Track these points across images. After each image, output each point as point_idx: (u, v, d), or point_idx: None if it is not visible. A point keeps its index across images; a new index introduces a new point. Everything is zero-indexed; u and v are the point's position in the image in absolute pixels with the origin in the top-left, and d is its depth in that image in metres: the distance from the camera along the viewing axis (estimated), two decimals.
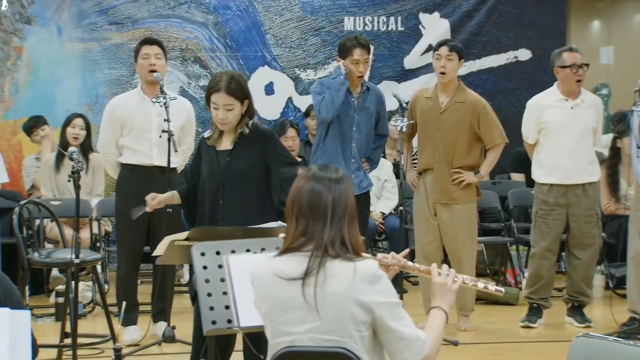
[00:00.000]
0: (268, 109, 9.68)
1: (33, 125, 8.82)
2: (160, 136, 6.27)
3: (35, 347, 2.69)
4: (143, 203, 6.54)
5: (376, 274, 3.10)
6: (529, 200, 7.92)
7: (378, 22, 10.04)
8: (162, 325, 6.52)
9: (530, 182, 8.16)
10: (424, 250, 7.00)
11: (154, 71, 6.57)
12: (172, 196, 5.22)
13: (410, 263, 3.51)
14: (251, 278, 3.24)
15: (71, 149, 5.97)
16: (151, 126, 6.63)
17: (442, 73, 6.91)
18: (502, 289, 3.61)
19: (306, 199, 3.15)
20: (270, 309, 3.16)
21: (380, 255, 3.45)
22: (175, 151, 6.24)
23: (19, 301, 2.80)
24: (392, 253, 3.48)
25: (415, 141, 7.34)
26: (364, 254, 3.21)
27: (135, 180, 6.60)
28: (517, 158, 9.26)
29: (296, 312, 3.10)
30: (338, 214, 3.13)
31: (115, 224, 7.20)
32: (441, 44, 7.01)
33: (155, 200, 5.26)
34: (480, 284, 3.49)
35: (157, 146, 6.58)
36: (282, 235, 3.29)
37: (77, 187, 5.39)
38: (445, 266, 3.42)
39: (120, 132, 6.70)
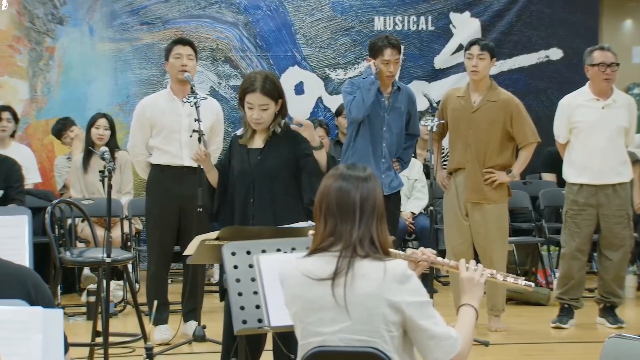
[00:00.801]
0: (298, 108, 9.67)
1: (61, 127, 8.86)
2: (190, 136, 6.28)
3: (66, 344, 2.71)
4: (173, 203, 6.59)
5: (405, 274, 3.09)
6: (560, 200, 7.87)
7: (408, 21, 10.02)
8: (192, 325, 6.54)
9: (561, 182, 8.11)
10: (454, 250, 6.97)
11: (185, 71, 6.59)
12: (213, 168, 5.18)
13: (439, 258, 3.51)
14: (280, 278, 3.24)
15: (102, 148, 6.00)
16: (181, 126, 6.64)
17: (474, 72, 6.89)
18: (532, 284, 3.60)
19: (334, 198, 3.15)
20: (300, 309, 3.16)
21: (409, 251, 3.44)
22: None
23: (50, 300, 2.81)
24: (422, 248, 3.48)
25: (445, 141, 7.32)
26: (392, 251, 3.21)
27: (165, 180, 6.63)
28: (549, 158, 9.22)
29: (326, 312, 3.09)
30: (366, 213, 3.13)
31: (145, 224, 7.23)
32: (472, 43, 6.98)
33: (204, 152, 5.21)
34: (510, 278, 3.49)
35: (187, 146, 6.59)
36: (311, 232, 3.29)
37: (109, 187, 5.42)
38: (473, 261, 3.41)
39: (150, 133, 6.72)
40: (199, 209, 6.09)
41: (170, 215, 6.65)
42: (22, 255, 3.57)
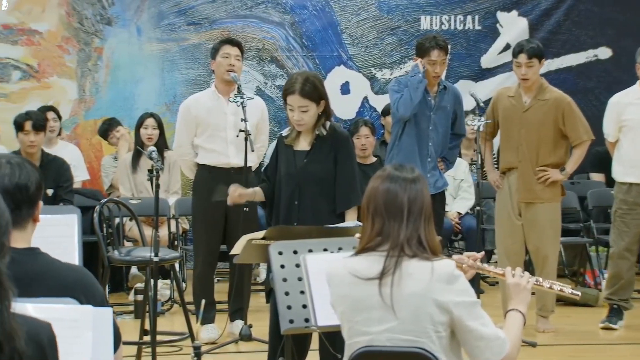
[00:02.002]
0: (344, 108, 9.68)
1: (107, 128, 8.93)
2: (237, 136, 6.30)
3: (118, 340, 2.73)
4: (219, 203, 6.61)
5: (454, 274, 3.08)
6: (608, 200, 7.80)
7: (455, 21, 9.98)
8: (239, 324, 6.56)
9: (610, 182, 8.03)
10: (507, 250, 6.93)
11: (232, 71, 6.61)
12: (254, 193, 5.22)
13: (485, 265, 3.49)
14: (327, 278, 3.24)
15: (150, 148, 6.03)
16: (226, 125, 6.67)
17: (524, 79, 6.83)
18: (579, 293, 3.57)
19: (382, 198, 3.14)
20: (347, 308, 3.16)
21: (456, 257, 3.43)
22: (252, 150, 6.27)
23: (102, 298, 2.82)
24: (471, 253, 3.46)
25: (495, 141, 7.28)
26: (441, 255, 3.20)
27: (211, 180, 6.65)
28: (597, 158, 9.13)
29: (373, 311, 3.09)
30: (414, 214, 3.12)
31: (192, 224, 7.26)
32: (519, 50, 6.83)
33: (237, 192, 5.27)
34: (556, 287, 3.46)
35: (233, 145, 6.61)
36: (357, 235, 3.29)
37: (157, 186, 5.46)
38: (519, 268, 3.39)
39: (195, 132, 6.75)
40: (245, 209, 6.11)
41: (217, 216, 6.67)
42: (71, 254, 3.60)
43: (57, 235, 3.55)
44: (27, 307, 2.28)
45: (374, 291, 3.08)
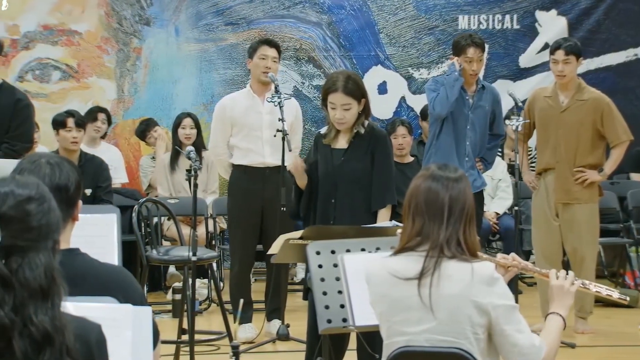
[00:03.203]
0: (381, 108, 9.66)
1: (145, 128, 8.97)
2: (274, 135, 6.31)
3: (157, 338, 2.74)
4: (255, 203, 6.62)
5: (493, 276, 3.07)
6: None
7: (493, 20, 9.93)
8: (276, 323, 6.57)
9: None
10: (544, 251, 6.89)
11: (268, 72, 6.62)
12: (305, 177, 5.17)
13: (530, 265, 3.47)
14: (366, 277, 3.24)
15: (188, 148, 6.06)
16: (262, 124, 6.68)
17: (561, 76, 6.79)
18: (627, 297, 3.53)
19: (423, 197, 3.13)
20: (385, 308, 3.15)
21: (499, 255, 3.41)
22: (290, 150, 6.27)
23: (142, 298, 2.84)
24: (513, 254, 3.44)
25: (531, 141, 7.23)
26: (482, 255, 3.19)
27: (247, 180, 6.67)
28: (637, 158, 9.07)
29: (412, 312, 3.08)
30: (455, 214, 3.10)
31: (228, 224, 7.28)
32: (556, 47, 6.82)
33: (300, 161, 5.23)
34: (603, 290, 3.42)
35: (269, 144, 6.63)
36: (399, 231, 3.28)
37: (195, 186, 5.48)
38: (563, 270, 3.37)
39: (231, 132, 6.77)
40: (282, 209, 6.12)
41: (253, 216, 6.69)
42: (111, 253, 3.61)
43: (96, 234, 3.57)
44: (68, 307, 2.29)
45: (413, 291, 3.07)
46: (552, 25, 9.94)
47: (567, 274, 3.34)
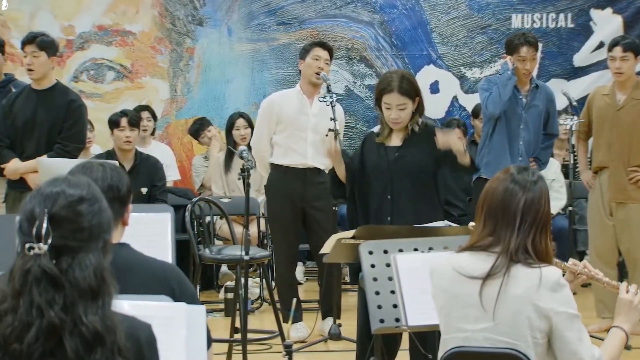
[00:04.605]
0: (433, 107, 9.59)
1: (199, 128, 9.01)
2: (326, 135, 6.29)
3: (209, 339, 2.76)
4: (296, 204, 6.63)
5: (559, 282, 3.04)
6: None
7: (547, 19, 9.84)
8: (328, 323, 6.57)
9: None
10: (598, 251, 6.83)
11: (320, 74, 6.63)
12: (343, 165, 5.16)
13: (600, 274, 3.42)
14: (430, 271, 3.24)
15: (241, 147, 6.09)
16: (307, 126, 6.68)
17: (618, 74, 6.72)
18: None
19: (499, 200, 3.12)
20: (445, 302, 3.15)
21: (571, 261, 3.38)
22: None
23: (194, 296, 2.87)
24: (584, 262, 3.42)
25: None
26: (555, 260, 3.17)
27: (286, 181, 6.66)
28: None
29: (471, 309, 3.08)
30: (526, 222, 3.08)
31: (270, 225, 7.28)
32: (614, 43, 6.76)
33: (336, 148, 5.23)
34: None
35: (312, 146, 6.62)
36: (472, 224, 3.28)
37: (247, 185, 5.49)
38: (634, 285, 3.32)
39: (275, 129, 6.76)
40: (334, 209, 6.12)
41: (293, 217, 6.68)
42: (165, 252, 3.64)
43: (151, 233, 3.60)
44: (123, 305, 2.31)
45: (474, 290, 3.06)
46: (607, 23, 9.82)
47: (637, 289, 3.29)
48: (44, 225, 2.04)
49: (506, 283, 3.04)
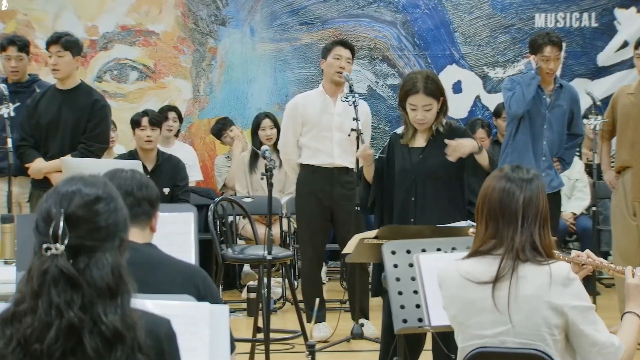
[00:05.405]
0: (456, 107, 9.57)
1: (221, 127, 9.03)
2: (349, 135, 6.30)
3: (233, 342, 2.76)
4: (324, 204, 6.63)
5: (569, 277, 3.03)
6: None
7: (570, 18, 9.80)
8: (365, 324, 6.56)
9: None
10: (622, 251, 6.79)
11: (342, 73, 6.62)
12: (372, 167, 5.15)
13: (605, 262, 3.42)
14: (439, 281, 3.22)
15: (263, 147, 6.09)
16: (332, 125, 6.68)
17: None
18: None
19: (497, 199, 3.10)
20: (459, 311, 3.13)
21: (574, 252, 3.37)
22: None
23: (217, 297, 2.87)
24: (587, 251, 3.40)
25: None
26: (556, 253, 3.15)
27: (315, 181, 6.67)
28: None
29: (486, 315, 3.06)
30: (529, 217, 3.07)
31: (297, 225, 7.30)
32: None
33: (368, 151, 5.23)
34: None
35: (338, 145, 6.62)
36: (472, 230, 3.26)
37: (270, 185, 5.50)
38: (639, 267, 3.32)
39: (301, 131, 6.77)
40: (356, 208, 6.12)
41: (322, 216, 6.70)
42: (188, 252, 3.65)
43: (174, 232, 3.60)
44: (146, 304, 2.32)
45: (487, 294, 3.05)
46: (631, 23, 9.77)
47: None
48: (61, 225, 2.04)
49: (516, 284, 3.02)
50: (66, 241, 2.04)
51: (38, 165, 6.65)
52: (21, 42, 7.20)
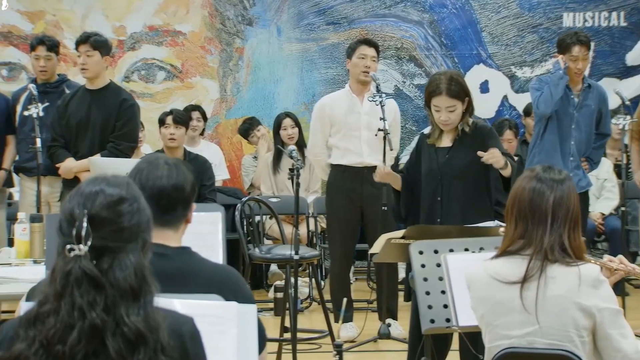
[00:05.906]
0: (483, 107, 9.54)
1: (248, 127, 9.04)
2: (376, 134, 6.29)
3: (263, 341, 2.75)
4: (354, 203, 6.63)
5: (599, 279, 3.02)
6: None
7: (599, 17, 9.74)
8: (392, 324, 6.56)
9: None
10: None
11: (368, 72, 6.61)
12: (397, 177, 5.17)
13: (637, 269, 3.39)
14: (467, 281, 3.21)
15: (290, 147, 6.09)
16: (360, 124, 6.67)
17: None
18: None
19: (527, 200, 3.09)
20: (487, 311, 3.12)
21: (606, 257, 3.35)
22: (391, 149, 6.24)
23: (250, 298, 2.82)
24: (620, 257, 3.37)
25: None
26: (587, 256, 3.13)
27: (345, 181, 6.67)
28: None
29: (514, 315, 3.05)
30: (559, 218, 3.05)
31: (327, 224, 7.30)
32: None
33: (386, 170, 5.25)
34: None
35: (367, 144, 6.62)
36: (502, 230, 3.25)
37: (297, 185, 5.50)
38: None
39: (329, 132, 6.78)
40: (383, 208, 6.11)
41: (352, 216, 6.69)
42: (216, 251, 3.65)
43: (202, 232, 3.61)
44: (174, 303, 2.32)
45: (515, 294, 3.04)
46: None
47: None
48: (84, 226, 2.04)
49: (544, 284, 3.01)
50: (89, 242, 2.03)
51: (68, 165, 6.69)
52: (50, 42, 7.24)
